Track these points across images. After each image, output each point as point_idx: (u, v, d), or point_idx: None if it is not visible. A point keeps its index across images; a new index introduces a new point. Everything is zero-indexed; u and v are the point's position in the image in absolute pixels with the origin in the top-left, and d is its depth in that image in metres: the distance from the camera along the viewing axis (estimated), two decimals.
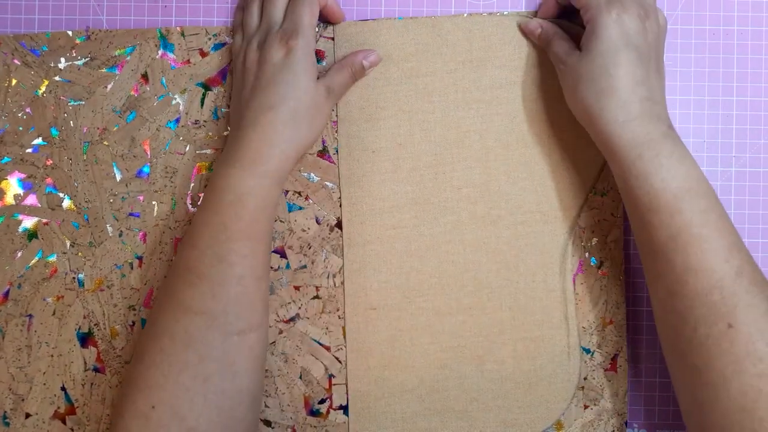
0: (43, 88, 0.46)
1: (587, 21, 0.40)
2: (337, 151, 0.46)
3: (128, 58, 0.46)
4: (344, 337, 0.46)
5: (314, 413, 0.46)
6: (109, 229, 0.46)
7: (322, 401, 0.46)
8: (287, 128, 0.40)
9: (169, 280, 0.41)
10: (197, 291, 0.39)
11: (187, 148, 0.46)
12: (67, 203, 0.46)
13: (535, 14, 0.46)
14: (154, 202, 0.46)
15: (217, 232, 0.39)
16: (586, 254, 0.46)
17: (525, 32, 0.45)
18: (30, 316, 0.46)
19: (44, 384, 0.46)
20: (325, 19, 0.46)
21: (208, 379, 0.38)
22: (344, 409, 0.46)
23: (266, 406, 0.46)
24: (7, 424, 0.45)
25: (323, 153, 0.46)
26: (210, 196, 0.40)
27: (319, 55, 0.46)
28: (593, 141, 0.41)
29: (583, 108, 0.40)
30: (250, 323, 0.40)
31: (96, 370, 0.46)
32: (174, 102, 0.46)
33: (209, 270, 0.39)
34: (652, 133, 0.38)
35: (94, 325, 0.46)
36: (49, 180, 0.46)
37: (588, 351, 0.46)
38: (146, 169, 0.46)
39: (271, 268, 0.46)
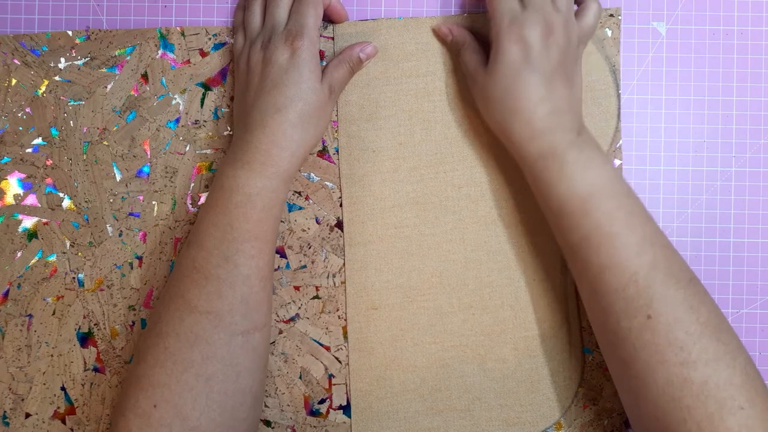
0: (43, 88, 0.46)
1: (492, 39, 0.41)
2: (337, 151, 0.46)
3: (128, 58, 0.46)
4: (344, 337, 0.46)
5: (314, 413, 0.46)
6: (109, 229, 0.46)
7: (321, 401, 0.46)
8: (296, 130, 0.40)
9: (174, 279, 0.41)
10: (204, 291, 0.39)
11: (187, 148, 0.46)
12: (67, 203, 0.46)
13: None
14: (154, 202, 0.46)
15: (225, 232, 0.39)
16: None
17: (437, 36, 0.46)
18: (30, 316, 0.46)
19: (44, 384, 0.46)
20: (328, 19, 0.46)
21: (212, 378, 0.38)
22: (344, 409, 0.46)
23: (266, 406, 0.46)
24: (7, 424, 0.45)
25: (323, 153, 0.46)
26: (217, 196, 0.40)
27: (320, 56, 0.46)
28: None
29: (494, 125, 0.42)
30: (255, 323, 0.40)
31: (96, 370, 0.46)
32: (174, 102, 0.46)
33: (216, 270, 0.39)
34: (558, 145, 0.39)
35: (94, 325, 0.46)
36: (49, 180, 0.46)
37: (587, 351, 0.46)
38: (146, 169, 0.46)
39: None
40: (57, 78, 0.46)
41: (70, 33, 0.46)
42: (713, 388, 0.35)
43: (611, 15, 0.46)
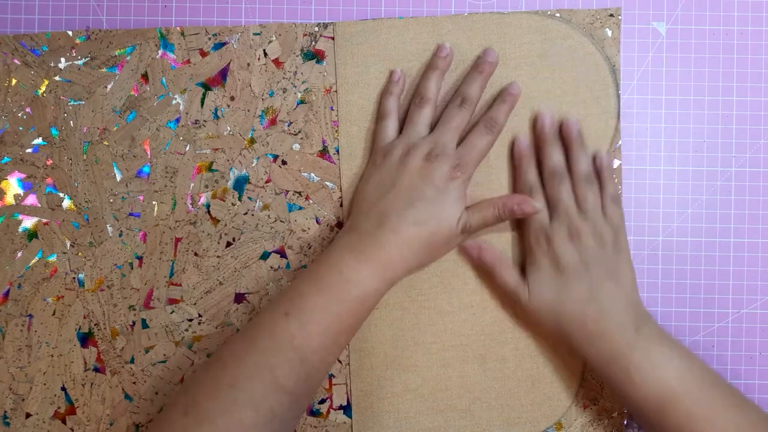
0: (43, 88, 0.46)
1: (527, 249, 0.44)
2: (337, 151, 0.46)
3: (128, 58, 0.46)
4: None
5: (314, 413, 0.46)
6: (109, 229, 0.46)
7: (322, 401, 0.46)
8: (422, 249, 0.41)
9: (263, 348, 0.38)
10: (295, 373, 0.38)
11: (187, 148, 0.46)
12: (67, 203, 0.46)
13: (537, 12, 0.46)
14: (154, 202, 0.46)
15: (332, 322, 0.39)
16: None
17: (465, 254, 0.46)
18: (30, 316, 0.46)
19: (44, 384, 0.46)
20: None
21: None
22: (345, 409, 0.46)
23: None
24: (8, 424, 0.45)
25: (323, 153, 0.46)
26: (332, 281, 0.39)
27: (319, 55, 0.46)
28: None
29: (552, 333, 0.43)
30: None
31: (96, 370, 0.46)
32: (174, 102, 0.46)
33: (313, 357, 0.38)
34: (618, 348, 0.40)
35: (94, 325, 0.46)
36: (49, 180, 0.46)
37: None
38: (146, 169, 0.46)
39: (271, 268, 0.46)
40: (57, 78, 0.46)
41: (70, 33, 0.46)
42: None
43: (611, 15, 0.46)
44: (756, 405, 0.40)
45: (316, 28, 0.46)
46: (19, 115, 0.46)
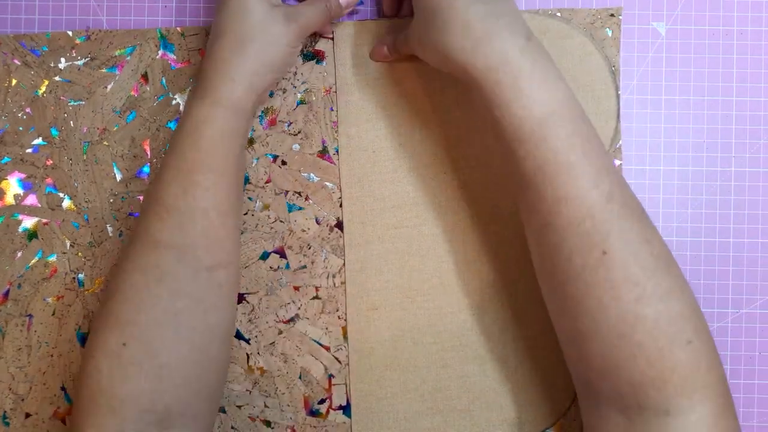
0: (43, 88, 0.46)
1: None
2: (337, 152, 0.46)
3: (128, 58, 0.46)
4: (344, 338, 0.46)
5: (314, 413, 0.46)
6: (109, 229, 0.46)
7: (321, 401, 0.46)
8: (234, 55, 0.39)
9: (141, 215, 0.40)
10: (166, 224, 0.38)
11: None
12: (67, 203, 0.46)
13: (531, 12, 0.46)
14: None
15: (179, 161, 0.39)
16: None
17: (378, 60, 0.45)
18: (30, 316, 0.46)
19: (44, 384, 0.46)
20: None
21: (179, 314, 0.37)
22: (344, 409, 0.46)
23: (266, 406, 0.46)
24: (7, 424, 0.45)
25: (323, 153, 0.46)
26: (176, 130, 0.40)
27: (319, 56, 0.46)
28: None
29: (433, 52, 0.38)
30: (219, 260, 0.39)
31: None
32: (174, 102, 0.46)
33: (175, 202, 0.38)
34: (509, 51, 0.35)
35: None
36: (49, 180, 0.46)
37: None
38: (146, 169, 0.46)
39: (271, 268, 0.46)
40: (57, 78, 0.46)
41: (70, 33, 0.46)
42: (664, 323, 0.34)
43: (612, 15, 0.46)
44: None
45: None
46: (19, 115, 0.46)
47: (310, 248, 0.46)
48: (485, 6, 0.36)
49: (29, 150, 0.46)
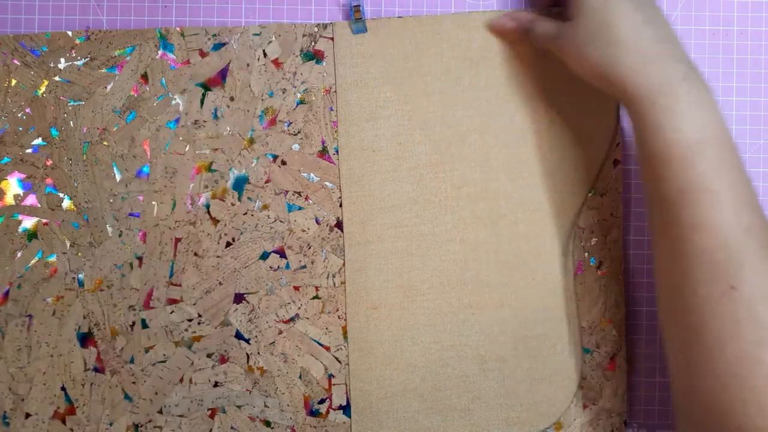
0: (43, 89, 0.46)
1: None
2: (337, 151, 0.46)
3: (128, 58, 0.46)
4: (344, 337, 0.46)
5: (314, 413, 0.46)
6: (109, 229, 0.46)
7: (321, 401, 0.46)
8: None
9: None
10: None
11: (187, 149, 0.46)
12: (67, 203, 0.46)
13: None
14: (154, 202, 0.46)
15: None
16: (586, 254, 0.46)
17: (496, 30, 0.45)
18: (30, 316, 0.46)
19: (44, 384, 0.46)
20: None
21: None
22: (344, 409, 0.46)
23: (266, 406, 0.46)
24: (7, 424, 0.45)
25: (323, 153, 0.46)
26: None
27: (319, 56, 0.46)
28: (597, 126, 0.40)
29: (592, 67, 0.38)
30: None
31: (96, 370, 0.46)
32: (174, 102, 0.46)
33: None
34: (672, 76, 0.36)
35: (94, 325, 0.46)
36: (49, 180, 0.46)
37: (587, 351, 0.46)
38: (146, 169, 0.46)
39: (271, 268, 0.46)
40: (57, 78, 0.46)
41: (70, 33, 0.46)
42: None
43: None
44: None
45: (316, 29, 0.46)
46: (19, 115, 0.46)
47: (310, 248, 0.46)
48: (655, 30, 0.37)
49: (29, 150, 0.46)
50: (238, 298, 0.46)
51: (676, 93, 0.35)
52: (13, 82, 0.46)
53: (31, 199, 0.46)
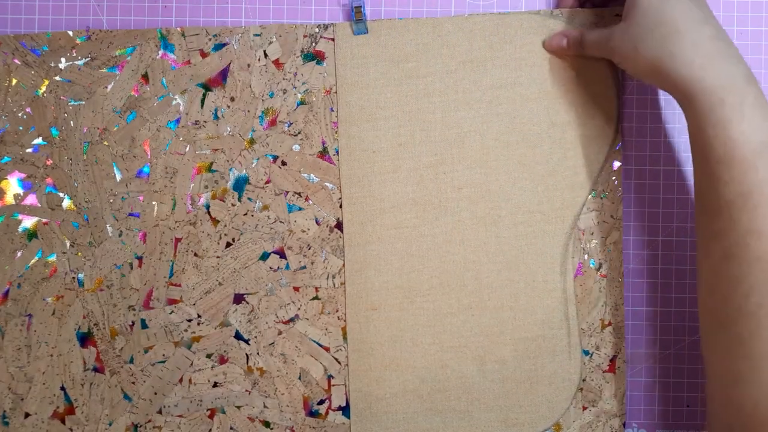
0: (44, 88, 0.46)
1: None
2: (337, 152, 0.46)
3: (128, 58, 0.46)
4: (344, 338, 0.46)
5: (313, 414, 0.46)
6: (109, 229, 0.46)
7: (321, 402, 0.46)
8: None
9: None
10: None
11: (187, 148, 0.46)
12: (67, 203, 0.46)
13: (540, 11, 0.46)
14: (154, 202, 0.46)
15: None
16: (586, 256, 0.46)
17: (553, 49, 0.45)
18: (29, 315, 0.46)
19: (44, 384, 0.46)
20: None
21: None
22: (343, 409, 0.46)
23: (265, 406, 0.46)
24: (7, 424, 0.45)
25: (323, 154, 0.46)
26: None
27: (320, 56, 0.46)
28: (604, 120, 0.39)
29: (650, 63, 0.37)
30: None
31: (95, 370, 0.46)
32: (174, 102, 0.46)
33: None
34: (735, 77, 0.35)
35: (94, 325, 0.46)
36: (49, 180, 0.46)
37: (586, 353, 0.46)
38: (146, 169, 0.46)
39: (271, 268, 0.46)
40: (57, 78, 0.46)
41: (70, 33, 0.46)
42: None
43: (617, 15, 0.46)
44: None
45: (317, 29, 0.46)
46: (20, 115, 0.46)
47: (309, 249, 0.46)
48: (713, 29, 0.36)
49: (29, 150, 0.46)
50: (238, 299, 0.46)
51: (744, 94, 0.34)
52: (14, 81, 0.46)
53: (31, 199, 0.46)
